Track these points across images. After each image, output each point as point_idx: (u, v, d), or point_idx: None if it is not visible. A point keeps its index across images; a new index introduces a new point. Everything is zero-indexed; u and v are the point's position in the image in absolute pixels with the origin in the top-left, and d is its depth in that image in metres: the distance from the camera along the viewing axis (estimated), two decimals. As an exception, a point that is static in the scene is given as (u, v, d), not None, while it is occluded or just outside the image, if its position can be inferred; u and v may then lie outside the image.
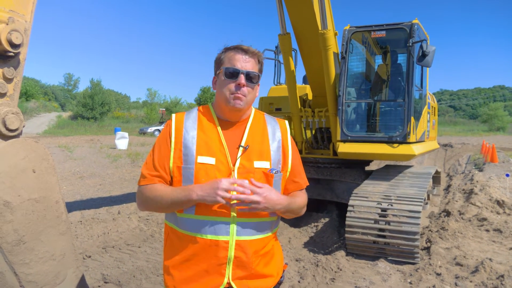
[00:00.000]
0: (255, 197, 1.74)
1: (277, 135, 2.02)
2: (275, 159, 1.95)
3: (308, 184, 2.15)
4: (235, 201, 1.75)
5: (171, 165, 1.89)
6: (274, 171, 1.91)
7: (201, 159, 1.85)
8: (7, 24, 1.90)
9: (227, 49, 1.94)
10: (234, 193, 1.75)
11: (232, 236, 1.82)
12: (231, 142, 1.92)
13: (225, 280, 1.82)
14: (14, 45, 1.91)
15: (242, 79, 1.86)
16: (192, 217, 1.83)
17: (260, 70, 1.97)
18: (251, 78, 1.89)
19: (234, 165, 1.87)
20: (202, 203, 1.79)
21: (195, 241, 1.83)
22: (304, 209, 2.10)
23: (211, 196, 1.71)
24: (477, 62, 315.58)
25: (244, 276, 1.86)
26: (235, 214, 1.82)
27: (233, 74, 1.87)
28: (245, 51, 1.90)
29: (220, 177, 1.80)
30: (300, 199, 2.04)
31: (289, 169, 2.02)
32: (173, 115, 1.98)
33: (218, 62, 1.95)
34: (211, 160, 1.85)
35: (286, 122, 2.11)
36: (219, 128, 1.94)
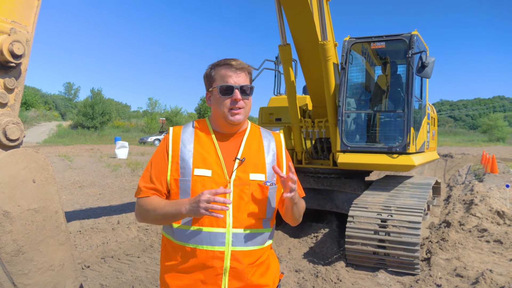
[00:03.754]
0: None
1: (272, 148, 2.05)
2: (270, 172, 1.98)
3: (304, 195, 2.18)
4: (228, 208, 1.76)
5: (168, 178, 1.92)
6: (269, 184, 1.94)
7: (198, 172, 1.88)
8: (9, 35, 1.91)
9: (215, 66, 1.97)
10: (230, 197, 1.83)
11: (228, 246, 1.84)
12: (228, 155, 1.95)
13: None
14: (15, 56, 1.92)
15: (237, 94, 1.90)
16: (189, 228, 1.86)
17: (251, 81, 2.01)
18: (245, 91, 1.93)
19: (230, 177, 1.89)
20: None
21: (191, 252, 1.85)
22: (300, 218, 2.13)
23: (195, 209, 1.72)
24: (477, 73, 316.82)
25: (240, 287, 1.88)
26: (230, 224, 1.85)
27: (227, 91, 1.90)
28: (235, 66, 1.93)
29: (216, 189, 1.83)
30: (301, 202, 2.07)
31: None
32: (171, 129, 2.02)
33: (210, 79, 1.98)
34: (207, 173, 1.88)
35: (281, 135, 2.15)
36: (215, 141, 1.97)
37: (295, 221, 2.08)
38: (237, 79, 1.91)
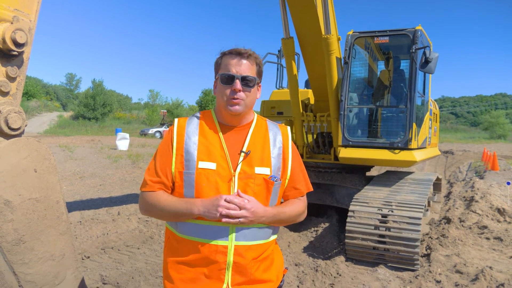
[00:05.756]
0: (243, 213, 1.76)
1: (278, 141, 2.00)
2: (276, 165, 1.94)
3: (312, 189, 2.13)
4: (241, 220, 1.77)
5: (173, 170, 1.89)
6: (274, 179, 1.91)
7: (202, 165, 1.84)
8: (11, 23, 1.89)
9: (223, 54, 1.93)
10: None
11: (231, 241, 1.82)
12: (233, 148, 1.91)
13: (224, 286, 1.82)
14: (18, 44, 1.90)
15: (237, 84, 1.85)
16: (192, 221, 1.84)
17: (258, 73, 1.95)
18: (247, 82, 1.87)
19: (235, 170, 1.86)
20: None
21: (195, 246, 1.83)
22: (303, 216, 2.09)
23: (212, 213, 1.74)
24: (479, 70, 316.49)
25: (244, 281, 1.86)
26: None
27: (228, 80, 1.86)
28: (241, 55, 1.88)
29: (221, 183, 1.83)
30: (295, 207, 2.02)
31: (288, 177, 2.01)
32: (176, 120, 1.98)
33: (216, 67, 1.95)
34: (211, 166, 1.85)
35: (288, 128, 2.10)
36: (220, 134, 1.93)
37: (287, 224, 2.07)
38: (240, 68, 1.86)
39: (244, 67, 1.87)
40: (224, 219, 1.74)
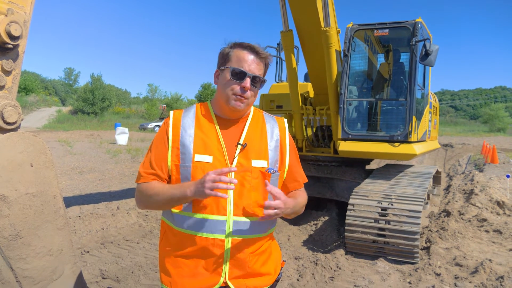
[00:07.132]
0: (278, 203, 1.71)
1: (276, 134, 1.99)
2: (273, 158, 1.93)
3: (307, 181, 2.14)
4: (232, 187, 1.67)
5: (169, 163, 1.87)
6: (272, 171, 1.89)
7: (198, 158, 1.82)
8: (6, 16, 1.87)
9: (236, 46, 1.88)
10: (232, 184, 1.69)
11: (228, 235, 1.80)
12: (229, 140, 1.89)
13: (221, 280, 1.81)
14: (13, 37, 1.88)
15: (247, 82, 1.82)
16: (189, 215, 1.82)
17: (265, 74, 1.94)
18: (255, 82, 1.86)
19: (231, 163, 1.84)
20: (199, 201, 1.78)
21: (191, 239, 1.82)
22: (304, 208, 2.09)
23: (200, 190, 1.67)
24: (478, 63, 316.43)
25: (241, 275, 1.85)
26: (231, 212, 1.80)
27: (239, 76, 1.83)
28: (256, 53, 1.85)
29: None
30: (301, 199, 2.02)
31: (286, 169, 2.00)
32: (171, 112, 1.95)
33: (225, 57, 1.89)
34: (208, 159, 1.82)
35: (285, 120, 2.08)
36: (217, 126, 1.91)
37: (293, 216, 2.05)
38: (253, 67, 1.83)
39: (257, 67, 1.85)
40: (210, 193, 1.64)
